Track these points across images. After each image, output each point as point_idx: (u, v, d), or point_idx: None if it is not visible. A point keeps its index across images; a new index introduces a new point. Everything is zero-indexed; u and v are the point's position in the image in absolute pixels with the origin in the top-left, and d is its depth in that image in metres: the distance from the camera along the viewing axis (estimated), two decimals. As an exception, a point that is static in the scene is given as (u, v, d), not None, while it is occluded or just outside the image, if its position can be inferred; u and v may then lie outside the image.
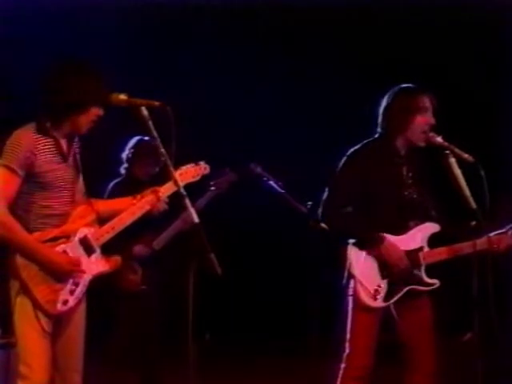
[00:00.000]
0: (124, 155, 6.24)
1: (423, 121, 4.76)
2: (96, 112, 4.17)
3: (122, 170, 6.23)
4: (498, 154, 7.75)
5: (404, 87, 4.85)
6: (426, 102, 4.77)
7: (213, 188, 5.90)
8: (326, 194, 4.79)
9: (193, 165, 4.53)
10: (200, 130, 7.64)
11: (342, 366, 4.75)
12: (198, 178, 4.55)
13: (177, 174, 4.29)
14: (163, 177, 4.29)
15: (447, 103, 4.91)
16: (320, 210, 4.82)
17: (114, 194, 5.56)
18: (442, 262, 4.74)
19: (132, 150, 6.21)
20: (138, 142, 6.20)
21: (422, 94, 4.79)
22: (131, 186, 4.98)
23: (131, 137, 6.22)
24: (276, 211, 6.25)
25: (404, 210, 4.77)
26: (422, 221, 4.78)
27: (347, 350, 4.74)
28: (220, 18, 8.03)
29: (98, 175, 4.64)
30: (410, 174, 4.84)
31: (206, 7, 7.86)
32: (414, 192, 4.81)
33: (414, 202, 4.80)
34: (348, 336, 4.74)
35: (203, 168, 4.58)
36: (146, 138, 6.11)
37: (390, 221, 4.73)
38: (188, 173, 4.49)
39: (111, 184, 6.09)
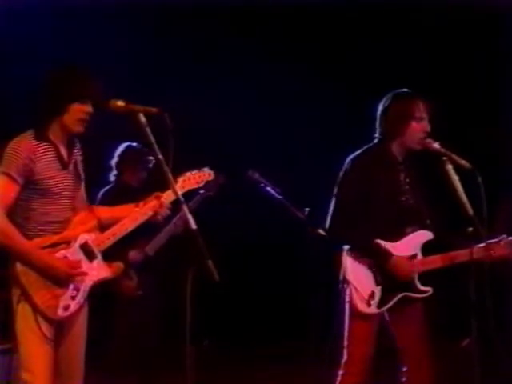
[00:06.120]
0: (113, 162, 6.23)
1: (418, 128, 4.75)
2: (80, 109, 4.14)
3: (112, 177, 6.22)
4: (496, 158, 7.76)
5: (399, 92, 4.83)
6: (422, 108, 4.76)
7: (202, 191, 5.90)
8: (333, 208, 4.76)
9: (197, 171, 4.53)
10: (197, 136, 7.63)
11: (340, 372, 4.75)
12: (201, 184, 4.56)
13: (180, 180, 4.34)
14: (154, 183, 4.29)
15: (446, 107, 4.91)
16: (328, 224, 4.78)
17: (104, 202, 5.51)
18: (435, 269, 4.73)
19: (120, 157, 6.20)
20: (126, 148, 6.19)
21: (418, 99, 4.78)
22: (121, 193, 4.97)
23: (120, 143, 6.21)
24: (274, 217, 6.24)
25: (401, 216, 4.76)
26: (418, 227, 4.78)
27: (345, 357, 4.74)
28: (219, 21, 8.04)
29: (90, 183, 4.60)
30: (407, 180, 4.84)
31: (207, 11, 7.86)
32: (410, 198, 4.81)
33: (410, 208, 4.79)
34: (345, 343, 4.74)
35: (207, 174, 4.57)
36: (134, 144, 6.11)
37: (388, 227, 4.73)
38: (192, 179, 4.49)
39: (101, 192, 6.07)
